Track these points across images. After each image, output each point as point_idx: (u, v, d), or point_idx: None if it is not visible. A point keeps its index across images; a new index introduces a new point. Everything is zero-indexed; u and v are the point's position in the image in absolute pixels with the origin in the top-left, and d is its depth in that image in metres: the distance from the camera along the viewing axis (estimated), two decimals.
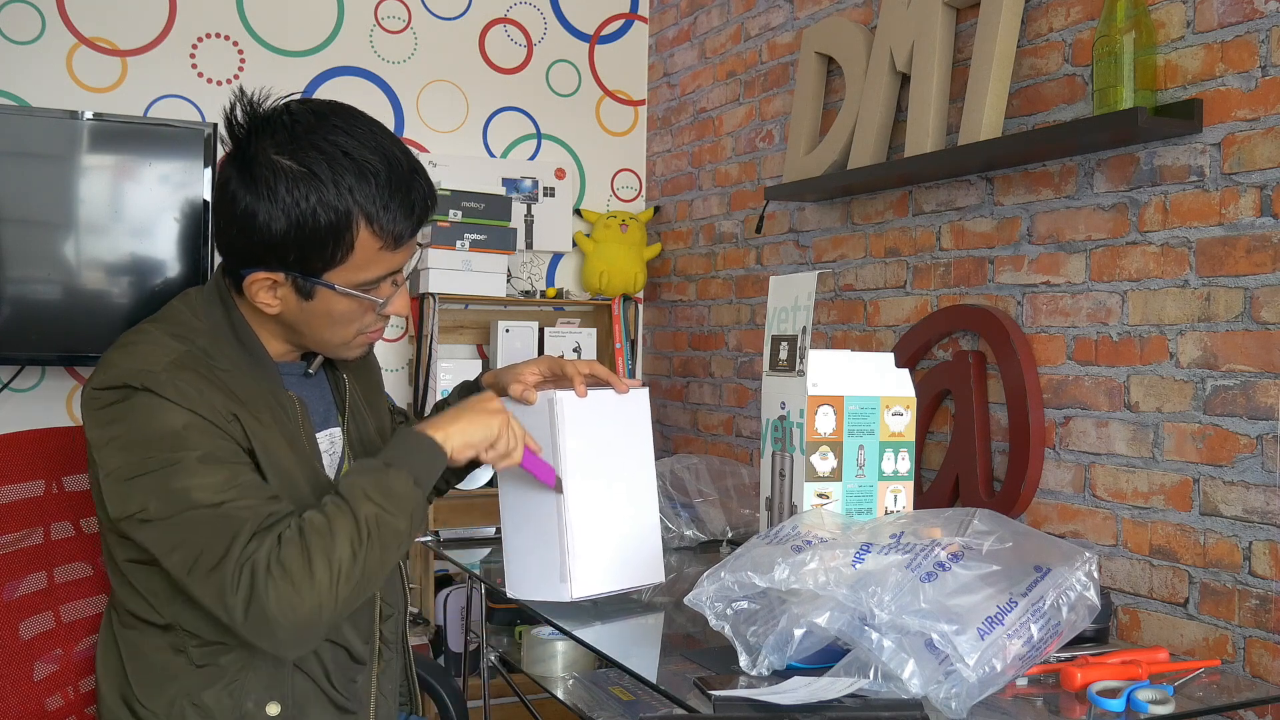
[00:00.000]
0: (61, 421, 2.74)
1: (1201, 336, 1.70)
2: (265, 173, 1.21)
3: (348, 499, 1.21)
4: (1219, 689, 1.44)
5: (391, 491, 1.22)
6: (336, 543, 1.18)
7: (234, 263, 1.29)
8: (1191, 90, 1.72)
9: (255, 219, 1.22)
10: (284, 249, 1.23)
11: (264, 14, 2.95)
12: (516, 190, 3.21)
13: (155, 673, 1.29)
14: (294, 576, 1.15)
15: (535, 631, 2.28)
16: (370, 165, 1.23)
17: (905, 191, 2.32)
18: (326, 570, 1.17)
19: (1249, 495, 1.62)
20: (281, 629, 1.16)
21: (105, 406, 1.22)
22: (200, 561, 1.17)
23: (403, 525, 1.23)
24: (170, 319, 1.31)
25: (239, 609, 1.16)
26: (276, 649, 1.20)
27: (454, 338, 3.16)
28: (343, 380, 1.47)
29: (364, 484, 1.22)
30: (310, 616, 1.17)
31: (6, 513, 1.42)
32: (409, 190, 1.25)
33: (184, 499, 1.18)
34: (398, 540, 1.23)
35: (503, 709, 2.67)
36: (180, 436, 1.19)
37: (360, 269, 1.26)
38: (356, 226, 1.23)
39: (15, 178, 2.51)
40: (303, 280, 1.25)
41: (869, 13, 2.45)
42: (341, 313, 1.29)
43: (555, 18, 3.32)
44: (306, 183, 1.20)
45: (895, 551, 1.27)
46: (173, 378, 1.21)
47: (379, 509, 1.20)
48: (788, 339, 1.61)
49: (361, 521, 1.19)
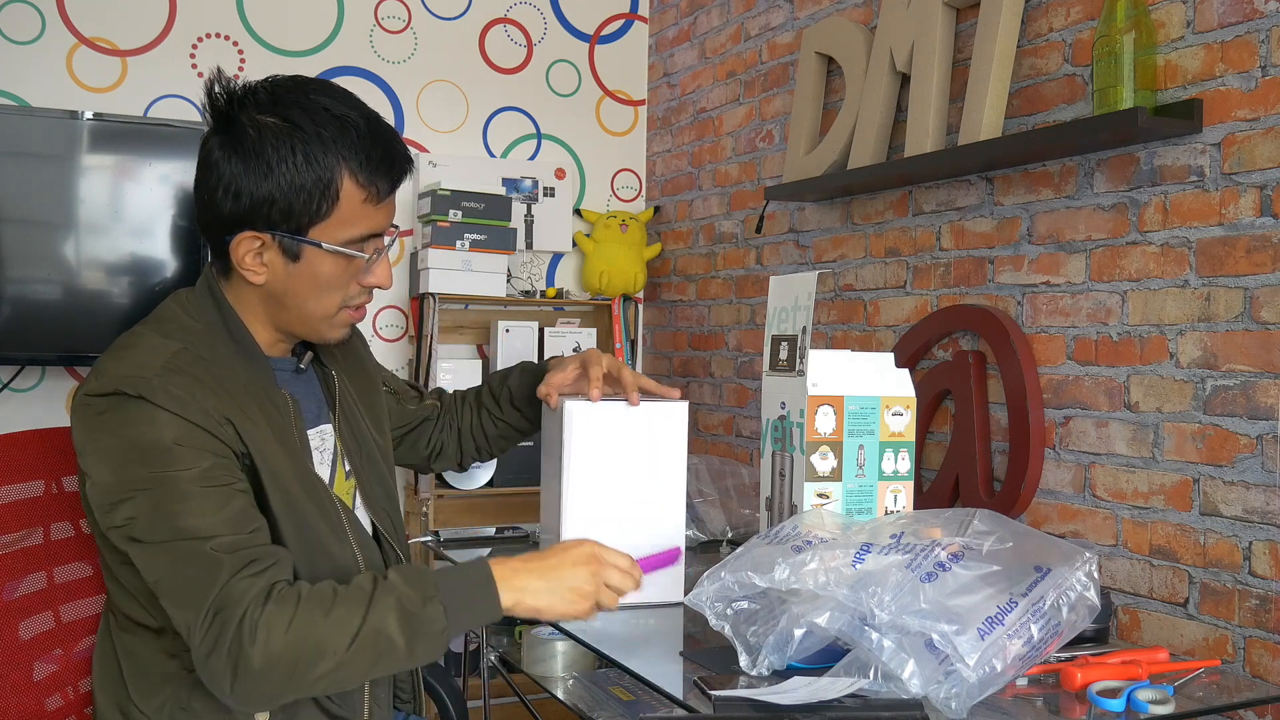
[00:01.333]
0: (61, 421, 2.73)
1: (1201, 336, 1.70)
2: (250, 132, 1.24)
3: (375, 596, 1.16)
4: (1219, 689, 1.44)
5: (418, 623, 1.16)
6: (323, 630, 1.13)
7: (219, 234, 1.28)
8: (1191, 90, 1.72)
9: (241, 179, 1.24)
10: (271, 205, 1.24)
11: (264, 14, 2.95)
12: (516, 190, 3.21)
13: (150, 676, 1.28)
14: (264, 644, 1.12)
15: (535, 631, 2.28)
16: (351, 119, 1.26)
17: (905, 191, 2.32)
18: (297, 648, 1.12)
19: (1249, 495, 1.62)
20: (233, 687, 1.14)
21: (97, 415, 1.21)
22: (176, 592, 1.16)
23: (401, 659, 1.17)
24: (163, 319, 1.32)
25: (201, 651, 1.14)
26: (225, 700, 1.17)
27: (454, 338, 3.16)
28: (332, 377, 1.46)
29: (401, 595, 1.16)
30: (264, 687, 1.14)
31: (6, 513, 1.42)
32: (389, 143, 1.29)
33: (172, 527, 1.16)
34: (391, 667, 1.18)
35: (503, 709, 2.67)
36: (171, 453, 1.18)
37: (345, 224, 1.28)
38: (341, 177, 1.25)
39: (15, 178, 2.51)
40: (289, 240, 1.26)
41: (869, 13, 2.45)
42: (327, 276, 1.30)
43: (555, 18, 3.32)
44: (292, 135, 1.24)
45: (895, 551, 1.27)
46: (165, 383, 1.20)
47: (393, 632, 1.15)
48: (788, 339, 1.61)
49: (365, 629, 1.14)
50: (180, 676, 1.27)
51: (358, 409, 1.49)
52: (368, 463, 1.48)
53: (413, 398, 1.72)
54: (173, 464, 1.18)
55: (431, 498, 2.87)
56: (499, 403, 1.72)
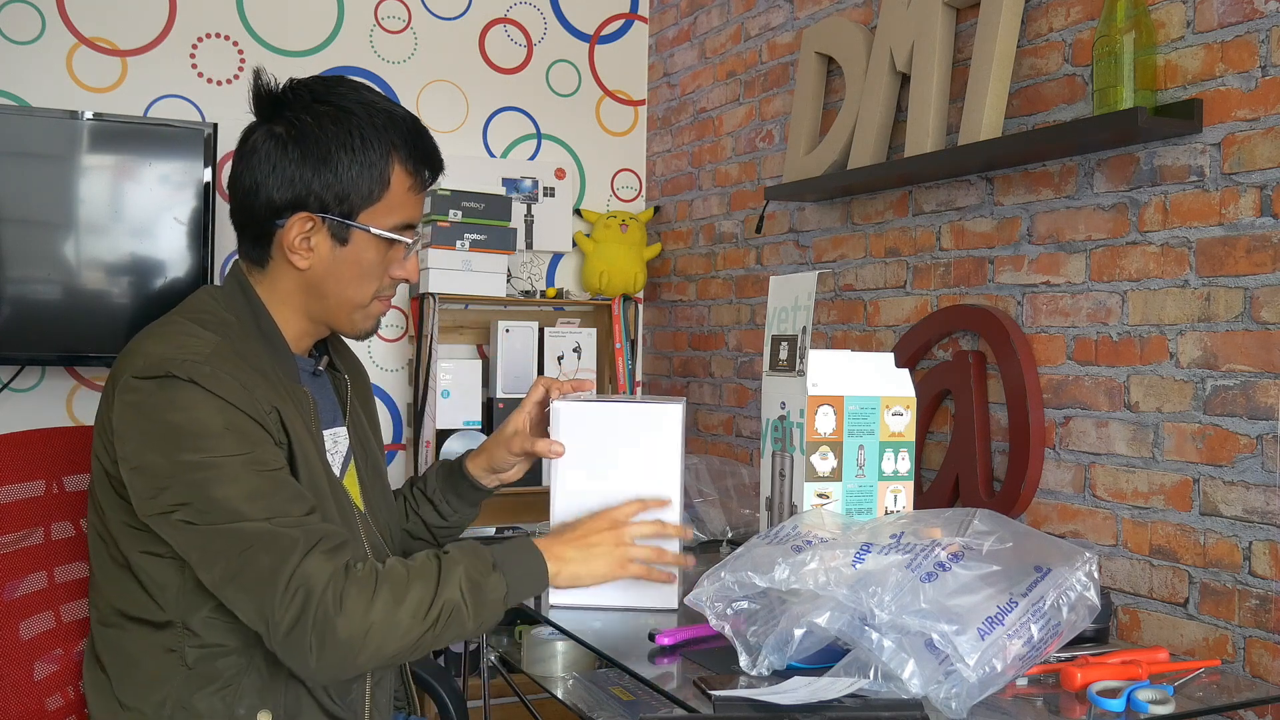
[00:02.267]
0: (61, 421, 2.74)
1: (1201, 336, 1.70)
2: (307, 118, 1.29)
3: (442, 571, 1.22)
4: (1219, 689, 1.44)
5: (482, 593, 1.24)
6: (403, 604, 1.18)
7: (268, 220, 1.31)
8: (1191, 90, 1.72)
9: (297, 164, 1.28)
10: (327, 189, 1.29)
11: (264, 14, 2.95)
12: (516, 190, 3.21)
13: (143, 674, 1.27)
14: (350, 615, 1.16)
15: (535, 631, 2.28)
16: (397, 112, 1.34)
17: (905, 191, 2.32)
18: (382, 621, 1.17)
19: (1249, 495, 1.62)
20: (318, 658, 1.16)
21: (145, 396, 1.20)
22: (245, 574, 1.16)
23: (470, 626, 1.24)
24: (197, 309, 1.33)
25: (283, 626, 1.15)
26: (306, 674, 1.21)
27: (454, 338, 3.16)
28: (343, 381, 1.48)
29: (464, 569, 1.24)
30: (347, 657, 1.17)
31: (6, 513, 1.42)
32: (430, 137, 1.37)
33: (227, 509, 1.17)
34: (458, 636, 1.24)
35: (503, 709, 2.67)
36: (221, 438, 1.19)
37: (391, 211, 1.33)
38: (392, 164, 1.31)
39: (15, 178, 2.51)
40: (339, 224, 1.30)
41: (869, 13, 2.45)
42: (369, 263, 1.34)
43: (555, 18, 3.32)
44: (349, 119, 1.29)
45: (895, 551, 1.27)
46: (215, 369, 1.21)
47: (461, 601, 1.22)
48: (788, 339, 1.61)
49: (438, 602, 1.20)
50: (180, 674, 1.26)
51: (362, 417, 1.50)
52: (372, 471, 1.50)
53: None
54: (225, 448, 1.19)
55: None
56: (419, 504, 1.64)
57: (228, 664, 1.27)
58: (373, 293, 1.37)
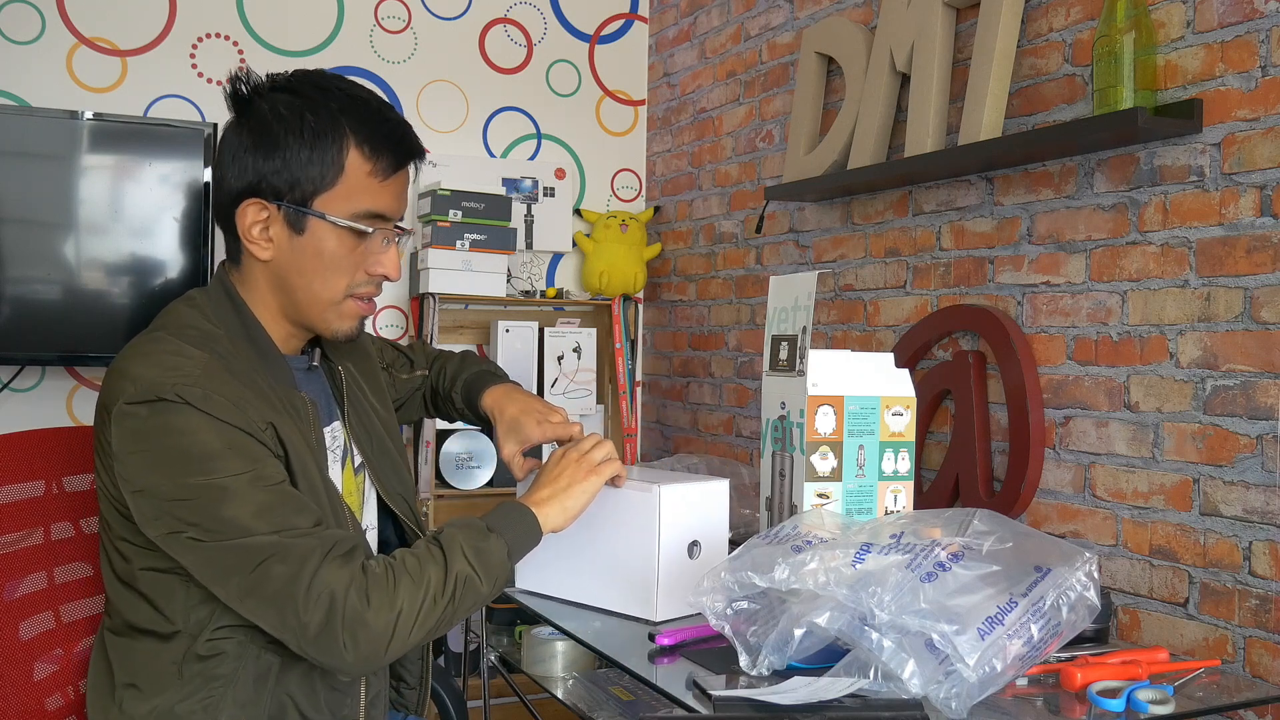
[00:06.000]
0: (61, 421, 2.74)
1: (1201, 336, 1.70)
2: (262, 105, 1.28)
3: (445, 550, 1.26)
4: (1219, 689, 1.44)
5: (486, 557, 1.28)
6: (423, 587, 1.22)
7: (230, 208, 1.30)
8: (1191, 90, 1.72)
9: (250, 151, 1.27)
10: (276, 172, 1.27)
11: (264, 14, 2.95)
12: (516, 190, 3.21)
13: (145, 683, 1.27)
14: (378, 608, 1.19)
15: (535, 631, 2.28)
16: (359, 96, 1.31)
17: (905, 191, 2.32)
18: (409, 608, 1.21)
19: (1249, 495, 1.62)
20: (354, 653, 1.18)
21: (141, 421, 1.19)
22: (263, 586, 1.17)
23: (485, 591, 1.28)
24: (183, 324, 1.30)
25: (311, 628, 1.17)
26: (343, 668, 1.22)
27: (454, 338, 3.16)
28: (339, 372, 1.46)
29: (463, 541, 1.27)
30: (379, 646, 1.19)
31: (6, 513, 1.42)
32: (399, 124, 1.33)
33: (237, 526, 1.17)
34: (476, 603, 1.28)
35: (503, 709, 2.67)
36: (224, 458, 1.18)
37: (350, 197, 1.29)
38: (347, 146, 1.28)
39: (15, 178, 2.51)
40: (294, 211, 1.28)
41: (869, 13, 2.45)
42: (331, 254, 1.30)
43: (555, 18, 3.32)
44: (300, 100, 1.28)
45: (895, 551, 1.27)
46: (207, 390, 1.20)
47: (470, 569, 1.26)
48: (788, 339, 1.61)
49: (451, 576, 1.24)
50: (175, 685, 1.26)
51: (366, 398, 1.49)
52: (379, 451, 1.49)
53: (404, 366, 1.77)
54: (229, 468, 1.18)
55: (431, 497, 2.87)
56: (453, 403, 1.76)
57: (219, 676, 1.26)
58: (343, 289, 1.32)
